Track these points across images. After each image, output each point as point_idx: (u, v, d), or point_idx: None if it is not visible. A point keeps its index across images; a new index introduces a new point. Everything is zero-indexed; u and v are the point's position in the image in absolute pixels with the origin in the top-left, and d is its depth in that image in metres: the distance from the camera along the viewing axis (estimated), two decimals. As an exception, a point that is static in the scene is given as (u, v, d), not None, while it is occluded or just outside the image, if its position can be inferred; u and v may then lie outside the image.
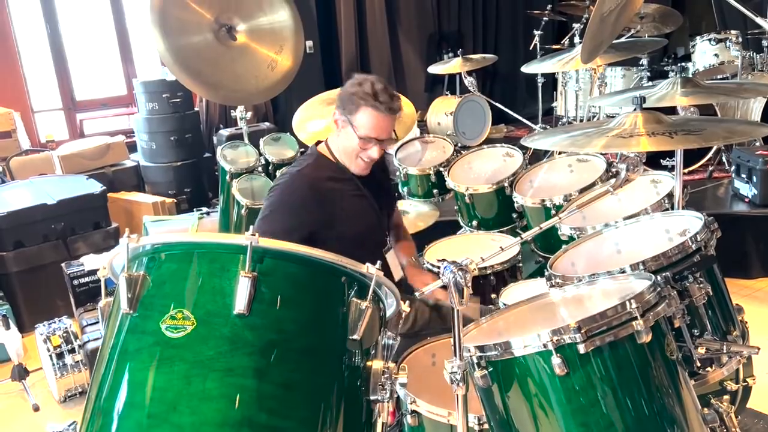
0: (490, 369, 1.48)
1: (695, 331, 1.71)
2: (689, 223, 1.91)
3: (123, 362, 1.25)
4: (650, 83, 4.28)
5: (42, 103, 5.78)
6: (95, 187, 4.51)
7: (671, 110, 3.61)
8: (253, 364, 1.22)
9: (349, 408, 1.35)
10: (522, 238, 1.70)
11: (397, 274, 2.40)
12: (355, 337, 1.33)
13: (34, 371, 3.60)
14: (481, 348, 1.47)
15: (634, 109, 1.85)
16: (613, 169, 1.63)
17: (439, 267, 2.65)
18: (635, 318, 1.39)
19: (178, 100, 5.23)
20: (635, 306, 1.39)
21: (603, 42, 2.28)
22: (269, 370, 1.23)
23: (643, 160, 1.58)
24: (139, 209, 4.97)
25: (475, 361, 1.48)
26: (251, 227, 2.19)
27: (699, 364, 1.66)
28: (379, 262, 1.37)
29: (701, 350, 1.65)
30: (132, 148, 5.64)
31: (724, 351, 1.65)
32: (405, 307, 1.53)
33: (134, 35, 6.05)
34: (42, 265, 4.19)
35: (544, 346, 1.40)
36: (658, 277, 1.54)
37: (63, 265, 4.05)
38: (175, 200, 5.19)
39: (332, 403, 1.31)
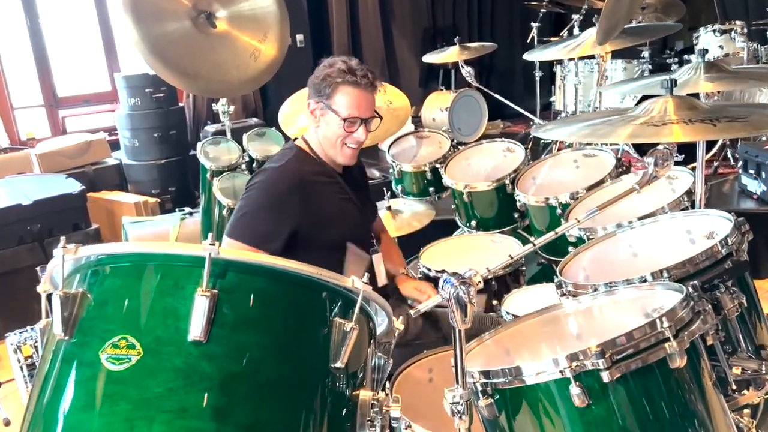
0: (497, 397, 1.27)
1: (727, 347, 1.51)
2: (715, 224, 1.71)
3: (56, 400, 1.03)
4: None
5: (22, 100, 5.58)
6: (74, 186, 4.33)
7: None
8: (211, 402, 1.00)
9: (332, 449, 1.14)
10: (535, 245, 1.48)
11: (382, 281, 2.21)
12: (338, 365, 1.12)
13: (6, 382, 3.39)
14: (486, 373, 1.26)
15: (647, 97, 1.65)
16: (639, 164, 1.41)
17: (435, 273, 2.52)
18: (667, 339, 1.18)
19: (161, 95, 5.03)
20: (667, 325, 1.18)
21: (619, 21, 2.08)
22: (231, 409, 1.01)
23: (674, 153, 1.38)
24: (121, 209, 4.76)
25: (480, 388, 1.27)
26: (224, 233, 2.01)
27: (734, 387, 1.45)
28: (366, 275, 1.16)
29: (736, 370, 1.44)
30: (115, 145, 5.44)
31: (764, 371, 1.44)
32: (398, 324, 1.32)
33: (118, 29, 5.84)
34: (17, 268, 4.00)
35: (561, 373, 1.19)
36: (690, 289, 1.32)
37: (38, 269, 3.82)
38: (159, 200, 4.98)
39: (310, 446, 1.09)
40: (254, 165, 3.41)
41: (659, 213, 1.97)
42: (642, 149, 4.38)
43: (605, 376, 1.16)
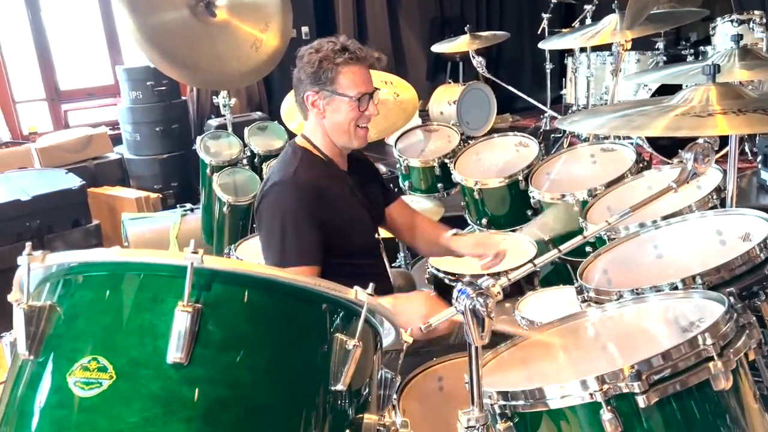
0: (517, 420, 1.15)
1: (767, 361, 1.38)
2: (749, 225, 1.57)
3: (21, 429, 0.91)
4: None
5: (24, 94, 5.51)
6: (74, 181, 4.24)
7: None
8: (193, 433, 0.88)
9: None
10: (560, 251, 1.35)
11: None
12: (338, 387, 0.99)
13: (2, 383, 3.29)
14: (505, 395, 1.13)
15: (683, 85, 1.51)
16: (676, 160, 1.28)
17: (444, 275, 2.39)
18: (711, 358, 1.05)
19: (163, 88, 4.93)
20: (711, 342, 1.05)
21: (647, 4, 1.94)
22: (217, 441, 0.89)
23: (716, 148, 1.25)
24: (122, 205, 4.66)
25: (498, 410, 1.14)
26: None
27: (778, 406, 1.32)
28: (371, 285, 1.03)
29: (779, 387, 1.32)
30: (118, 140, 5.36)
31: (809, 389, 1.31)
32: (407, 337, 1.20)
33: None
34: (16, 266, 3.88)
35: (591, 396, 1.06)
36: (731, 298, 1.19)
37: (36, 266, 3.74)
38: (161, 195, 4.89)
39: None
40: (256, 160, 3.29)
41: (686, 212, 1.83)
42: (656, 143, 4.23)
43: (641, 401, 1.03)
